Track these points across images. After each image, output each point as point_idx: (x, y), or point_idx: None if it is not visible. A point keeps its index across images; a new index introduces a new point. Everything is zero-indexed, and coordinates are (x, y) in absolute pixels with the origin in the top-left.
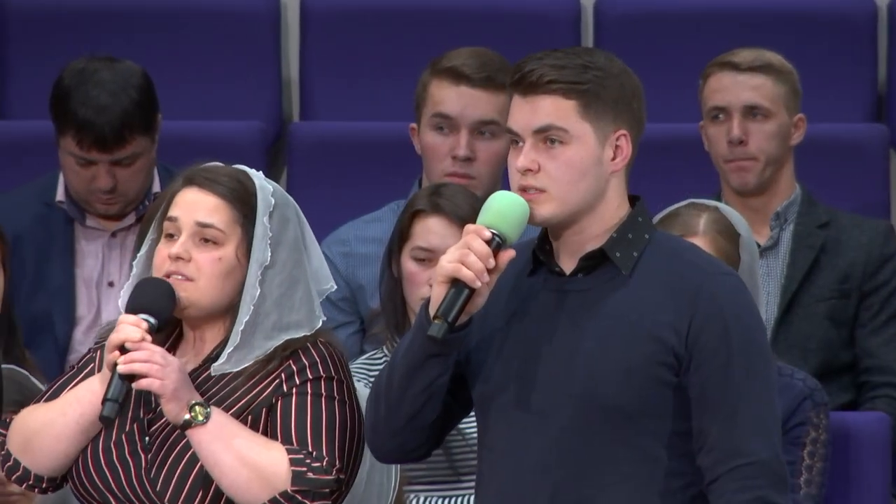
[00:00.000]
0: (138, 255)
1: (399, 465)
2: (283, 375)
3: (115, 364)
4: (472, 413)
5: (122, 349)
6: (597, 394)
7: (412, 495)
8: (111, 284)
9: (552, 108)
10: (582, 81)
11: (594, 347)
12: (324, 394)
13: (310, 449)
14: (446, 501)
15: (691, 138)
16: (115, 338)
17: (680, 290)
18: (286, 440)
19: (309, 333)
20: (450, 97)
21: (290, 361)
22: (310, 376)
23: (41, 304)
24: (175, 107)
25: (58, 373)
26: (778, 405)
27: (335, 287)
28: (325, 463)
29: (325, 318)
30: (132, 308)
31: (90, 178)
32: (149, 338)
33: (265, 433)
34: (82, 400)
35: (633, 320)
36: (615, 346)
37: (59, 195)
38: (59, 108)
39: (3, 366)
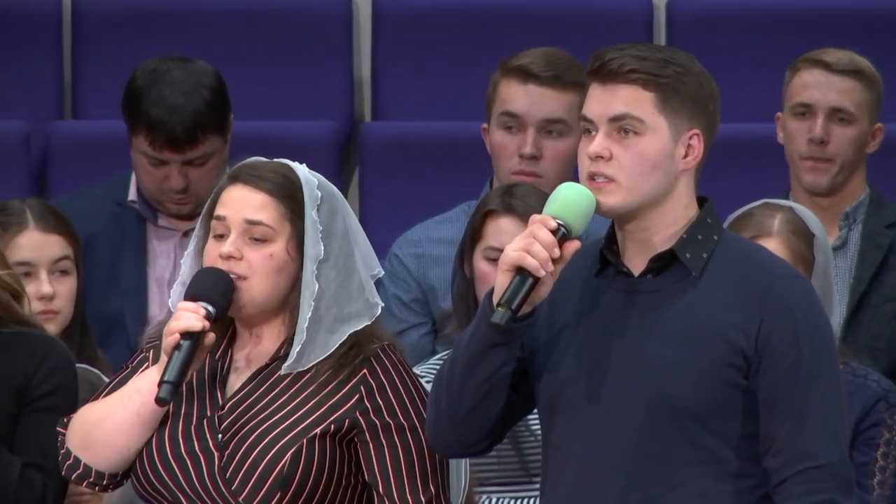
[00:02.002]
0: (185, 253)
1: (469, 466)
2: (362, 390)
3: (174, 349)
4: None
5: (182, 336)
6: (665, 395)
7: (484, 496)
8: (184, 284)
9: (630, 98)
10: (662, 75)
11: (663, 348)
12: (406, 424)
13: (407, 495)
14: (518, 502)
15: (762, 138)
16: (174, 325)
17: (749, 292)
18: (385, 484)
19: (370, 322)
20: (517, 95)
21: (366, 372)
22: (392, 398)
23: (113, 303)
24: (247, 107)
25: None
26: (845, 408)
27: (382, 272)
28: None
29: (382, 304)
30: (191, 296)
31: (162, 177)
32: (207, 324)
33: (351, 456)
34: (142, 390)
35: (703, 322)
36: (684, 347)
37: (132, 195)
38: (131, 107)
39: (76, 365)
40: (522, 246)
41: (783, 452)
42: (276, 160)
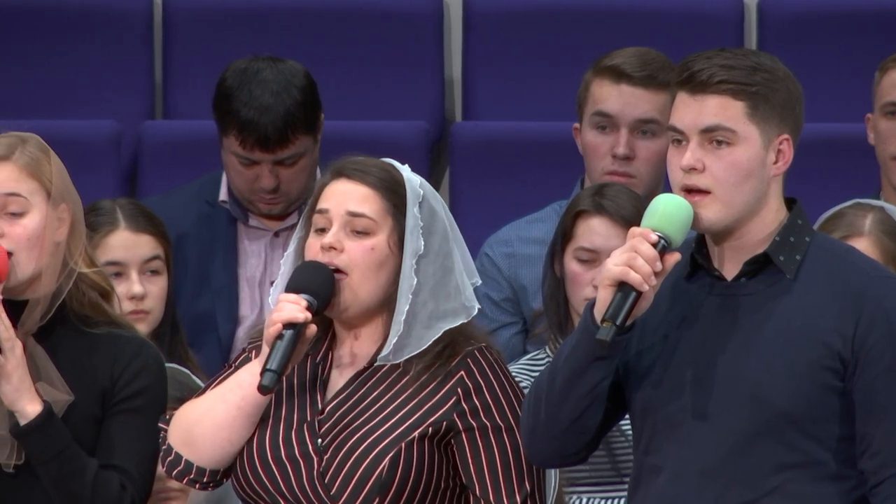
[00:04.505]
0: (286, 252)
1: None
2: (459, 392)
3: (276, 338)
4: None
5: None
6: (762, 399)
7: (574, 496)
8: (273, 284)
9: (721, 109)
10: (751, 83)
11: (759, 353)
12: (502, 425)
13: (503, 497)
14: (609, 502)
15: (854, 139)
16: (276, 316)
17: (844, 293)
18: (481, 486)
19: (466, 321)
20: (610, 95)
21: (463, 374)
22: (489, 399)
23: (204, 303)
24: (338, 107)
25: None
26: None
27: (480, 282)
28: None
29: (479, 307)
30: (292, 288)
31: (253, 177)
32: (309, 315)
33: (449, 459)
34: (243, 384)
35: (799, 325)
36: (782, 351)
37: (223, 195)
38: (222, 108)
39: (166, 365)
40: (625, 261)
41: (880, 454)
42: (379, 158)
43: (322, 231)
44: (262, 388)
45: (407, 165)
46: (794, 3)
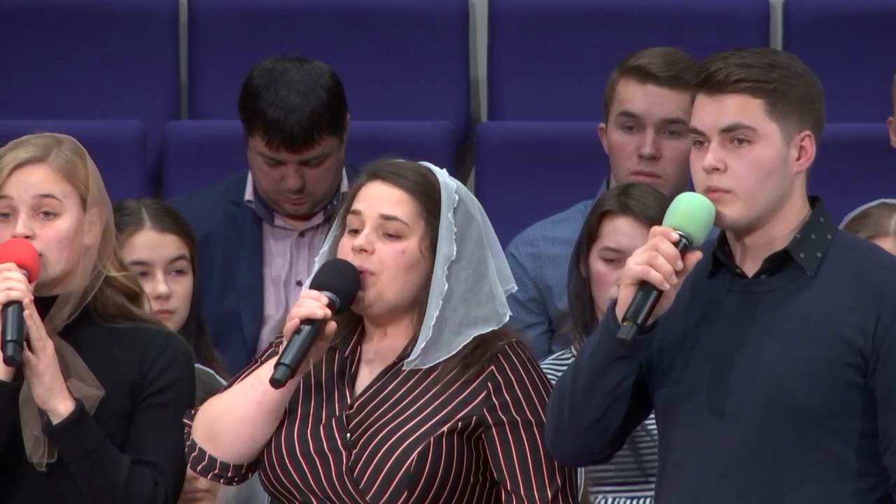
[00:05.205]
0: (321, 251)
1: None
2: (490, 386)
3: (293, 333)
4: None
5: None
6: (784, 396)
7: (599, 496)
8: (299, 283)
9: (740, 107)
10: (769, 80)
11: (781, 349)
12: (533, 420)
13: (534, 492)
14: (634, 502)
15: (880, 139)
16: (295, 311)
17: (865, 289)
18: (512, 480)
19: (496, 328)
20: (636, 95)
21: (493, 369)
22: (519, 394)
23: (230, 303)
24: (363, 107)
25: None
26: None
27: (516, 288)
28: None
29: (511, 314)
30: (316, 285)
31: (279, 177)
32: (328, 312)
33: (479, 454)
34: (263, 380)
35: (819, 321)
36: (802, 347)
37: (248, 195)
38: (248, 108)
39: None
40: (645, 259)
41: None
42: (417, 162)
43: (355, 232)
44: (273, 381)
45: (445, 170)
46: (819, 2)
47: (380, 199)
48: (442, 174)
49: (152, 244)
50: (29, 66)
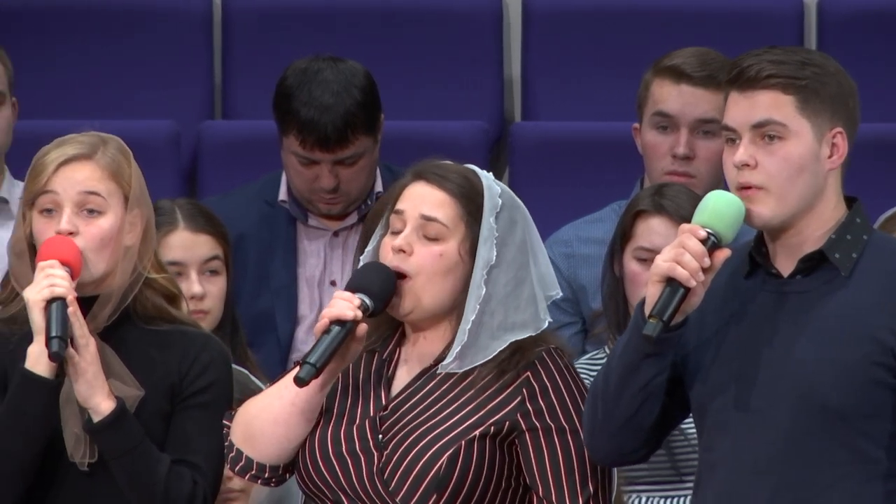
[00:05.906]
0: (366, 250)
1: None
2: (524, 392)
3: (323, 333)
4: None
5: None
6: (815, 395)
7: (633, 495)
8: (333, 283)
9: (771, 103)
10: (801, 77)
11: (813, 349)
12: (567, 427)
13: (566, 499)
14: (668, 502)
15: None
16: (326, 311)
17: None
18: (544, 486)
19: (534, 334)
20: (670, 95)
21: (529, 375)
22: (554, 401)
23: (264, 303)
24: (397, 107)
25: (279, 372)
26: None
27: (560, 294)
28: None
29: (550, 320)
30: (351, 287)
31: (313, 177)
32: (359, 314)
33: (512, 459)
34: None
35: (852, 322)
36: (834, 347)
37: (282, 195)
38: (282, 107)
39: None
40: (672, 256)
41: None
42: (463, 165)
43: (397, 233)
44: (297, 380)
45: (491, 174)
46: (854, 2)
47: (422, 199)
48: (487, 177)
49: (186, 244)
50: (64, 67)
